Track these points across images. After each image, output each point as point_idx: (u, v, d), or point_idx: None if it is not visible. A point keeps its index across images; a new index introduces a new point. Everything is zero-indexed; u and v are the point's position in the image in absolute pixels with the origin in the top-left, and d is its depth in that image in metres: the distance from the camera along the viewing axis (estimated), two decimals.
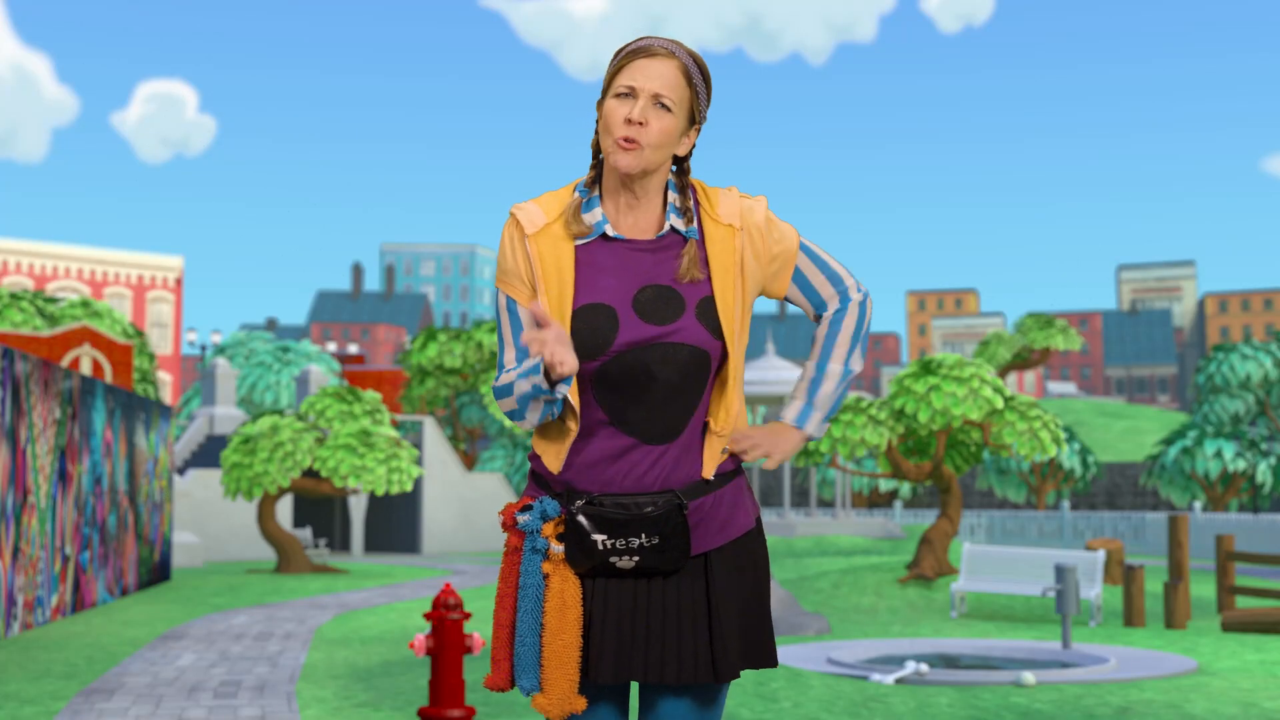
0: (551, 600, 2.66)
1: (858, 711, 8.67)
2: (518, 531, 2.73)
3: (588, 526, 2.65)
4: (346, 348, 59.39)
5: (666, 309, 2.69)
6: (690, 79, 2.72)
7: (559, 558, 2.68)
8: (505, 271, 2.76)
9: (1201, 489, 40.66)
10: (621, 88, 2.69)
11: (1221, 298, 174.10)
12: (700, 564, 2.76)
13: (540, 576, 2.68)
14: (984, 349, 51.55)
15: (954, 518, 18.50)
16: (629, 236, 2.75)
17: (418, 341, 41.52)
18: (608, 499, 2.68)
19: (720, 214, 2.77)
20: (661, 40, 2.72)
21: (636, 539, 2.65)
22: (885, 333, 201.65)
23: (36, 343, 27.90)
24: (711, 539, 2.76)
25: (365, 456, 23.68)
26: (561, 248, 2.72)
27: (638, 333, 2.67)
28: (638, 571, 2.69)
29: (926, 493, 55.51)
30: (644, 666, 2.68)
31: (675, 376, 2.68)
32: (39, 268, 75.89)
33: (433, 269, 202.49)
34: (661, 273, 2.72)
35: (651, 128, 2.67)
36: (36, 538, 13.99)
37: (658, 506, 2.66)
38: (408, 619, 15.57)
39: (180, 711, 8.57)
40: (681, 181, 2.80)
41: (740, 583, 2.77)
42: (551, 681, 2.65)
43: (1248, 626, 14.13)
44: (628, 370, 2.67)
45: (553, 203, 2.77)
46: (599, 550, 2.66)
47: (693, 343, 2.69)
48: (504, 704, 8.78)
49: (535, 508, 2.70)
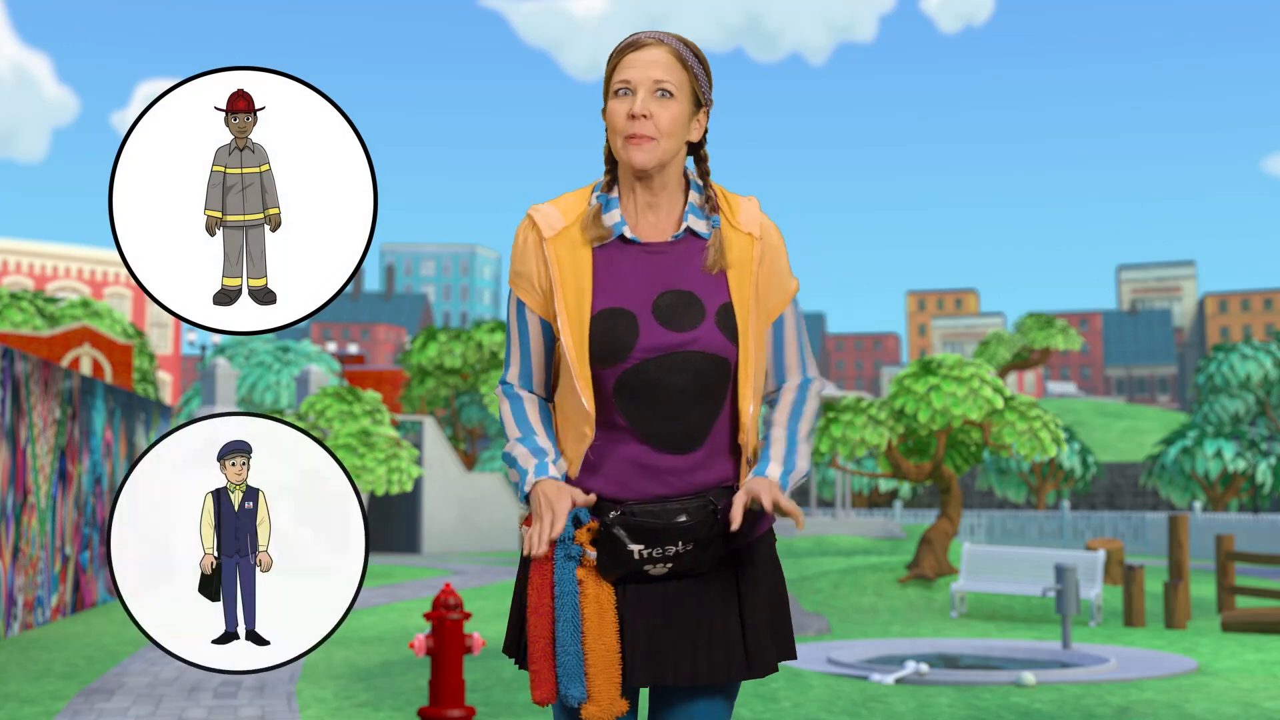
0: (589, 605, 2.61)
1: (858, 711, 8.66)
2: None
3: (624, 537, 2.62)
4: (346, 348, 59.36)
5: (686, 315, 2.66)
6: (684, 61, 2.68)
7: (592, 563, 2.64)
8: (518, 273, 2.73)
9: (1201, 489, 40.65)
10: (618, 85, 2.65)
11: (1221, 298, 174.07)
12: (729, 562, 2.74)
13: (575, 584, 2.63)
14: (984, 349, 51.54)
15: (954, 518, 18.49)
16: (647, 238, 2.71)
17: (418, 341, 41.52)
18: (638, 507, 2.63)
19: (740, 221, 2.72)
20: (649, 31, 2.69)
21: (672, 546, 2.62)
22: (885, 333, 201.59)
23: (36, 343, 27.89)
24: (739, 538, 2.74)
25: (365, 456, 23.69)
26: (579, 252, 2.68)
27: (658, 339, 2.64)
28: (668, 575, 2.67)
29: (926, 493, 55.50)
30: (675, 668, 2.65)
31: (695, 384, 2.65)
32: (39, 268, 75.88)
33: (433, 269, 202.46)
34: (681, 276, 2.68)
35: (658, 117, 2.63)
36: (36, 538, 13.99)
37: (691, 514, 2.63)
38: (408, 619, 15.56)
39: (180, 711, 8.57)
40: (702, 170, 2.75)
41: (766, 578, 2.76)
42: (598, 687, 2.61)
43: (1248, 626, 14.13)
44: (648, 380, 2.64)
45: (571, 205, 2.72)
46: (635, 559, 2.62)
47: (712, 350, 2.65)
48: (504, 704, 8.78)
49: (567, 515, 2.66)
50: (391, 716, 8.36)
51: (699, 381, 2.65)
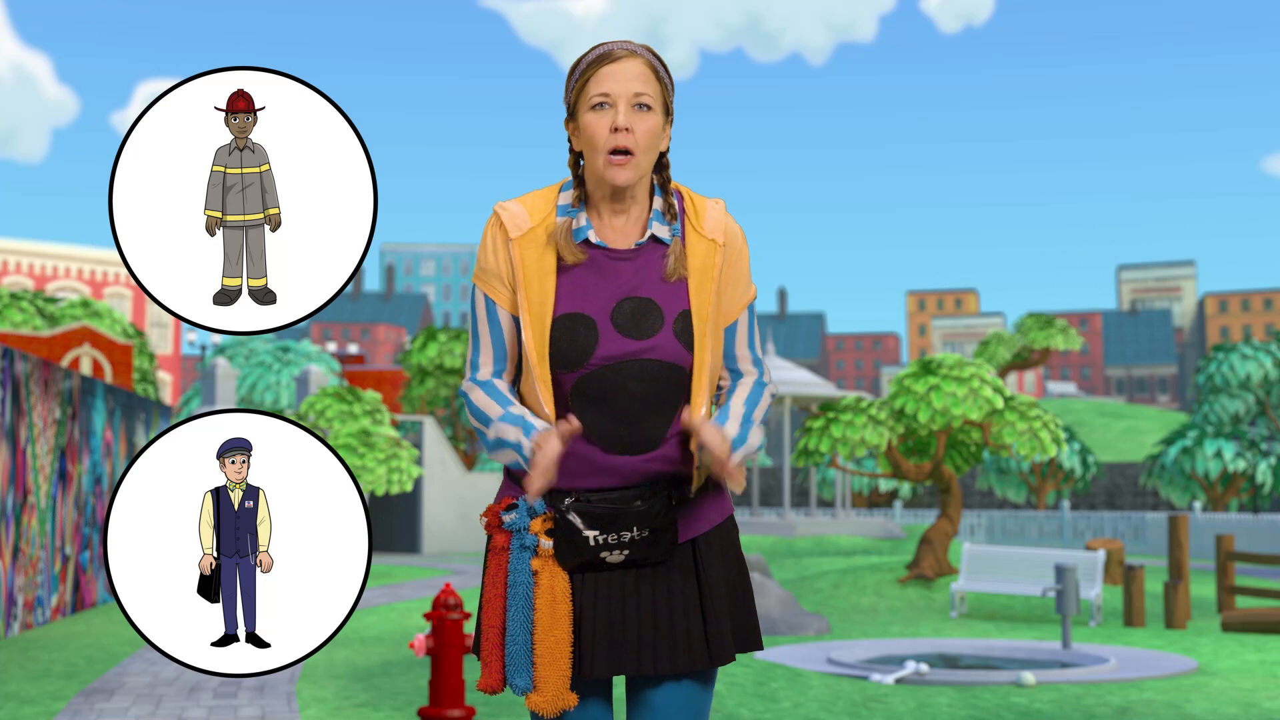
0: (541, 597, 2.64)
1: (858, 711, 8.66)
2: (503, 531, 2.71)
3: (579, 523, 2.64)
4: (346, 348, 59.36)
5: (645, 322, 2.67)
6: (658, 73, 2.68)
7: (548, 554, 2.66)
8: (485, 270, 2.73)
9: (1201, 489, 40.65)
10: (597, 99, 2.64)
11: (1221, 298, 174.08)
12: (686, 551, 2.75)
13: (529, 574, 2.66)
14: (984, 349, 51.53)
15: (954, 518, 18.49)
16: (612, 244, 2.71)
17: (418, 341, 41.52)
18: (594, 495, 2.66)
19: (705, 227, 2.73)
20: (619, 42, 2.68)
21: (628, 532, 2.65)
22: (885, 333, 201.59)
23: (36, 343, 27.90)
24: (696, 526, 2.76)
25: (365, 456, 23.68)
26: (545, 254, 2.69)
27: (616, 347, 2.65)
28: (626, 563, 2.69)
29: (926, 493, 55.50)
30: (637, 659, 2.68)
31: (651, 391, 2.67)
32: (39, 268, 75.88)
33: (433, 269, 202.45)
34: (641, 283, 2.69)
35: (638, 131, 2.64)
36: (36, 538, 13.99)
37: (645, 500, 2.65)
38: (408, 619, 15.56)
39: (180, 711, 8.57)
40: (664, 179, 2.76)
41: (726, 568, 2.78)
42: (544, 679, 2.63)
43: (1248, 626, 14.13)
44: (604, 387, 2.65)
45: (537, 205, 2.72)
46: (590, 546, 2.65)
47: (669, 359, 2.67)
48: (504, 704, 8.77)
49: (521, 505, 2.69)
50: (391, 716, 8.36)
51: (655, 388, 2.67)
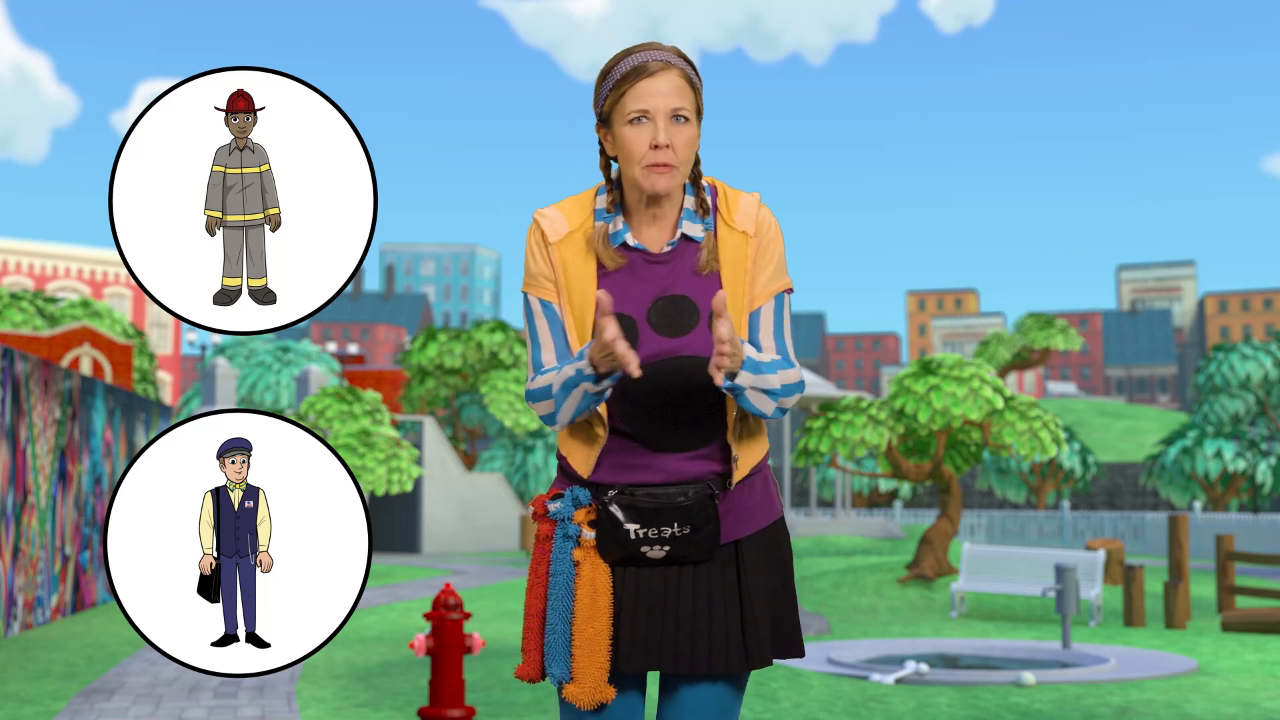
0: (583, 587, 2.65)
1: (858, 711, 8.66)
2: (548, 520, 2.73)
3: (621, 516, 2.66)
4: (346, 348, 59.36)
5: (681, 320, 2.69)
6: (692, 83, 2.71)
7: (590, 545, 2.68)
8: (533, 276, 2.75)
9: (1201, 489, 40.65)
10: (635, 114, 2.66)
11: (1221, 298, 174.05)
12: (730, 553, 2.76)
13: (571, 564, 2.67)
14: (984, 349, 51.54)
15: (954, 518, 18.49)
16: (647, 246, 2.74)
17: (418, 341, 41.51)
18: (639, 489, 2.68)
19: (736, 219, 2.74)
20: (652, 54, 2.69)
21: (669, 528, 2.66)
22: (885, 333, 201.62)
23: (36, 343, 27.90)
24: (740, 527, 2.76)
25: (365, 456, 23.68)
26: (585, 259, 2.72)
27: (655, 346, 2.68)
28: (668, 560, 2.69)
29: (926, 493, 55.49)
30: (674, 656, 2.68)
31: (693, 389, 2.68)
32: (39, 268, 75.87)
33: (433, 269, 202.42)
34: (675, 281, 2.71)
35: (677, 144, 2.66)
36: (36, 538, 13.99)
37: (689, 496, 2.66)
38: (408, 619, 15.56)
39: (180, 711, 8.57)
40: (694, 174, 2.78)
41: (769, 572, 2.77)
42: (582, 669, 2.64)
43: (1248, 626, 14.13)
44: (646, 387, 2.68)
45: (574, 209, 2.76)
46: (631, 540, 2.66)
47: (706, 354, 2.69)
48: (504, 704, 8.77)
49: (566, 495, 2.71)
50: (391, 716, 8.36)
51: (693, 385, 2.68)
